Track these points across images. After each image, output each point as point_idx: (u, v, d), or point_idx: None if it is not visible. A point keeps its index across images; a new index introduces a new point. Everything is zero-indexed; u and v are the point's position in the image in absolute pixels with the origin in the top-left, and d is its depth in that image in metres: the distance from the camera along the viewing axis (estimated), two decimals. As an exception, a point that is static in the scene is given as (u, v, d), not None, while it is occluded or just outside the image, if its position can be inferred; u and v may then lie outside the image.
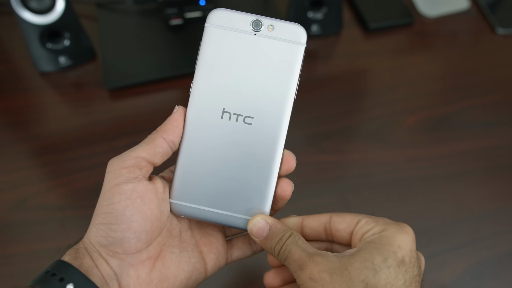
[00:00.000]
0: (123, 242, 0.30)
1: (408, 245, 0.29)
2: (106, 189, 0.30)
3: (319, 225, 0.33)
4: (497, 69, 0.69)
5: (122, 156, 0.31)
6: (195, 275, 0.33)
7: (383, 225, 0.30)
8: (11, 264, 0.49)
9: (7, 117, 0.62)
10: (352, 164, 0.58)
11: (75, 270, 0.29)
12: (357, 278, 0.27)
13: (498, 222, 0.54)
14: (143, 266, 0.31)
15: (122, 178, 0.30)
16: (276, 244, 0.31)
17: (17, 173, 0.56)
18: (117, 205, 0.29)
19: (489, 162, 0.59)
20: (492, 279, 0.50)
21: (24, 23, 0.60)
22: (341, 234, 0.32)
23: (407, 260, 0.28)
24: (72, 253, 0.30)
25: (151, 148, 0.31)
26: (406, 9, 0.74)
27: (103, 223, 0.30)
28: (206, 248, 0.34)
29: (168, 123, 0.32)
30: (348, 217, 0.32)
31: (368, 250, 0.28)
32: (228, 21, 0.31)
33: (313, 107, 0.63)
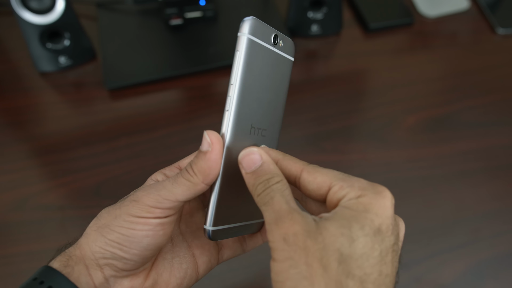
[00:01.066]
0: (127, 263, 0.29)
1: (385, 212, 0.26)
2: (132, 212, 0.29)
3: (290, 176, 0.29)
4: (497, 69, 0.69)
5: (160, 193, 0.29)
6: (186, 280, 0.33)
7: (359, 190, 0.27)
8: (11, 264, 0.49)
9: (7, 117, 0.62)
10: (352, 164, 0.58)
11: (64, 278, 0.28)
12: (332, 245, 0.24)
13: (498, 222, 0.54)
14: (137, 276, 0.31)
15: (152, 215, 0.29)
16: (260, 184, 0.28)
17: (17, 173, 0.56)
18: (138, 232, 0.29)
19: (489, 162, 0.59)
20: (492, 279, 0.50)
21: (24, 23, 0.60)
22: (310, 194, 0.29)
23: (383, 229, 0.26)
24: (63, 260, 0.30)
25: (191, 194, 0.29)
26: (406, 9, 0.74)
27: (116, 242, 0.29)
28: (198, 251, 0.34)
29: (207, 167, 0.29)
30: (320, 178, 0.28)
31: (344, 216, 0.26)
32: (259, 32, 0.31)
33: (313, 107, 0.63)
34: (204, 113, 0.62)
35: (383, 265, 0.25)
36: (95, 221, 0.30)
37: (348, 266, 0.24)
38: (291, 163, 0.29)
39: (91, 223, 0.31)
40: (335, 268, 0.24)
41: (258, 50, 0.31)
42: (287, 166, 0.29)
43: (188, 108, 0.63)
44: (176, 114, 0.62)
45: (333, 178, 0.28)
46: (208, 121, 0.61)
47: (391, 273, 0.26)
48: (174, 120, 0.61)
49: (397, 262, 0.27)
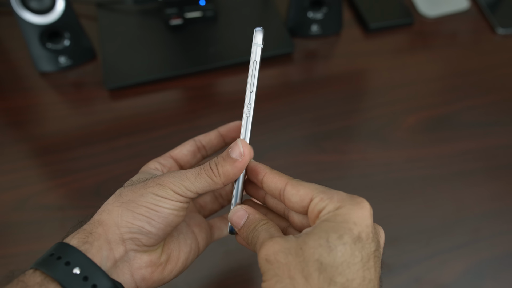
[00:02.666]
0: (151, 237, 0.31)
1: (364, 221, 0.28)
2: (161, 194, 0.31)
3: (275, 189, 0.32)
4: (497, 69, 0.69)
5: (185, 181, 0.32)
6: (192, 254, 0.36)
7: (337, 202, 0.28)
8: (11, 264, 0.49)
9: (7, 117, 0.62)
10: (352, 164, 0.58)
11: (81, 254, 0.29)
12: (311, 257, 0.26)
13: (498, 222, 0.54)
14: (155, 252, 0.33)
15: (176, 199, 0.32)
16: (250, 232, 0.31)
17: (17, 173, 0.56)
18: (165, 210, 0.31)
19: (489, 162, 0.59)
20: (492, 279, 0.50)
21: (24, 23, 0.60)
22: (293, 206, 0.31)
23: (363, 236, 0.27)
24: (82, 236, 0.30)
25: (210, 189, 0.33)
26: (406, 9, 0.74)
27: (144, 215, 0.31)
28: (196, 229, 0.37)
29: (233, 173, 0.32)
30: (302, 191, 0.30)
31: (323, 228, 0.27)
32: (261, 39, 0.33)
33: (313, 107, 0.63)
34: (204, 113, 0.62)
35: (366, 271, 0.27)
36: (116, 197, 0.32)
37: (329, 274, 0.26)
38: (276, 176, 0.32)
39: (110, 201, 0.32)
40: (316, 278, 0.26)
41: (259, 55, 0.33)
42: (273, 180, 0.32)
43: (188, 108, 0.63)
44: (176, 114, 0.62)
45: (315, 190, 0.30)
46: (208, 121, 0.61)
47: (374, 278, 0.27)
48: (174, 120, 0.61)
49: (379, 267, 0.28)
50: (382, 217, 0.54)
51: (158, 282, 0.33)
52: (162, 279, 0.34)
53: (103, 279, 0.29)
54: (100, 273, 0.29)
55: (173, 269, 0.34)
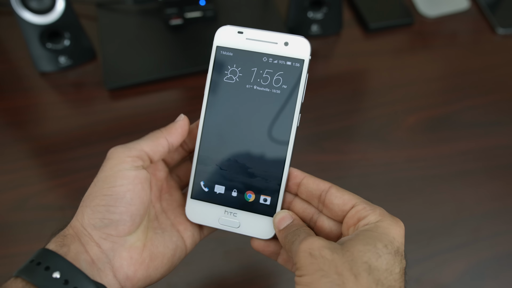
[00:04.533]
0: (119, 224, 0.31)
1: (400, 238, 0.29)
2: (108, 173, 0.32)
3: (316, 190, 0.33)
4: (497, 69, 0.69)
5: (127, 146, 0.33)
6: (178, 252, 0.35)
7: (379, 216, 0.30)
8: (11, 264, 0.49)
9: (7, 117, 0.62)
10: (352, 164, 0.58)
11: (60, 258, 0.29)
12: (360, 259, 0.27)
13: (498, 222, 0.54)
14: (135, 247, 0.32)
15: (126, 165, 0.32)
16: (290, 233, 0.32)
17: (17, 173, 0.56)
18: (119, 188, 0.31)
19: (489, 162, 0.59)
20: (492, 279, 0.50)
21: (24, 23, 0.60)
22: (333, 208, 0.32)
23: (400, 251, 0.29)
24: (59, 240, 0.30)
25: (154, 145, 0.33)
26: (406, 9, 0.74)
27: (101, 205, 0.31)
28: (182, 227, 0.36)
29: (173, 126, 0.35)
30: (347, 196, 0.32)
31: (369, 236, 0.29)
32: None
33: (313, 107, 0.63)
34: (204, 113, 0.62)
35: (402, 282, 0.28)
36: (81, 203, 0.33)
37: (376, 276, 0.27)
38: (318, 179, 0.34)
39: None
40: (365, 277, 0.26)
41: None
42: (315, 181, 0.33)
43: (188, 108, 0.63)
44: (176, 114, 0.61)
45: (358, 199, 0.32)
46: (208, 121, 0.61)
47: None
48: (174, 120, 0.61)
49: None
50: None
51: (144, 280, 0.33)
52: (147, 276, 0.33)
53: (84, 281, 0.29)
54: (81, 276, 0.29)
55: (158, 267, 0.33)
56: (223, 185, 0.35)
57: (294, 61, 0.34)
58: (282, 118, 0.35)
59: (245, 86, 0.35)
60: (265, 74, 0.34)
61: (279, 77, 0.34)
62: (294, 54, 0.34)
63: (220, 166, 0.35)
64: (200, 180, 0.36)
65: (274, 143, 0.35)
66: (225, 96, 0.35)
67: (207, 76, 0.35)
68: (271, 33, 0.34)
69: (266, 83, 0.34)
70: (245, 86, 0.35)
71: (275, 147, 0.35)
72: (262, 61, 0.34)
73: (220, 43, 0.35)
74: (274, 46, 0.34)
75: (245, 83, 0.35)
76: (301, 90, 0.34)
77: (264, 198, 0.35)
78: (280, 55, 0.34)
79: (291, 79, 0.34)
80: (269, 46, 0.34)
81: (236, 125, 0.35)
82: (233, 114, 0.35)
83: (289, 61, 0.34)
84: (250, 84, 0.35)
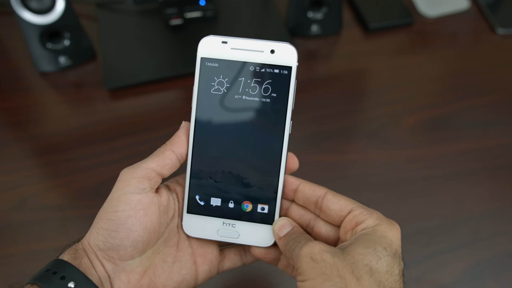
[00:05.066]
0: (120, 249, 0.31)
1: (397, 241, 0.30)
2: (114, 196, 0.31)
3: (313, 196, 0.33)
4: (497, 69, 0.69)
5: (134, 166, 0.33)
6: (184, 285, 0.34)
7: (376, 220, 0.31)
8: (11, 264, 0.49)
9: (7, 117, 0.62)
10: (352, 164, 0.58)
11: (75, 269, 0.30)
12: (361, 261, 0.27)
13: (498, 222, 0.54)
14: (135, 272, 0.32)
15: (130, 188, 0.31)
16: (291, 241, 0.32)
17: (17, 173, 0.56)
18: (120, 213, 0.31)
19: (489, 162, 0.59)
20: (492, 279, 0.50)
21: (24, 23, 0.60)
22: (331, 213, 0.32)
23: (398, 254, 0.30)
24: (71, 253, 0.31)
25: (160, 160, 0.33)
26: (406, 9, 0.74)
27: (104, 228, 0.31)
28: (200, 259, 0.35)
29: (175, 136, 0.35)
30: (343, 201, 0.32)
31: (368, 239, 0.29)
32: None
33: (313, 107, 0.63)
34: (204, 113, 0.62)
35: (401, 284, 0.29)
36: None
37: (377, 278, 0.27)
38: (314, 185, 0.34)
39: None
40: (367, 279, 0.27)
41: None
42: (311, 187, 0.34)
43: (188, 108, 0.62)
44: (176, 114, 0.62)
45: (355, 204, 0.32)
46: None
47: None
48: (174, 120, 0.61)
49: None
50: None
51: None
52: None
53: None
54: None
55: None
56: (219, 198, 0.35)
57: (282, 69, 0.34)
58: (274, 126, 0.34)
59: (233, 96, 0.34)
60: (253, 83, 0.34)
61: (267, 86, 0.34)
62: (281, 61, 0.34)
63: (215, 179, 0.35)
64: (195, 194, 0.35)
65: (267, 152, 0.35)
66: (214, 108, 0.34)
67: (194, 88, 0.35)
68: (257, 41, 0.34)
69: (255, 92, 0.34)
70: (234, 96, 0.34)
71: (269, 156, 0.34)
72: (249, 70, 0.34)
73: (204, 55, 0.35)
74: (260, 54, 0.34)
75: (233, 93, 0.34)
76: (291, 97, 0.34)
77: (261, 207, 0.35)
78: (267, 63, 0.34)
79: (280, 87, 0.34)
80: (255, 55, 0.34)
81: (228, 137, 0.34)
82: (223, 126, 0.34)
83: (276, 69, 0.34)
84: (239, 95, 0.34)
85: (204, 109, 0.35)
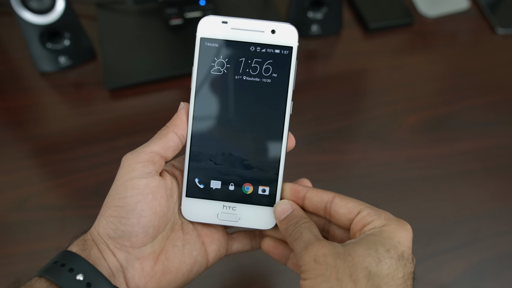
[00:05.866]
0: (131, 236, 0.31)
1: (407, 242, 0.29)
2: (119, 182, 0.31)
3: (321, 202, 0.33)
4: (497, 69, 0.69)
5: (136, 151, 0.32)
6: (196, 267, 0.34)
7: (384, 220, 0.30)
8: (11, 264, 0.49)
9: (7, 117, 0.62)
10: (352, 164, 0.58)
11: (84, 261, 0.29)
12: (360, 264, 0.27)
13: (498, 222, 0.54)
14: (147, 259, 0.32)
15: (136, 172, 0.31)
16: (291, 225, 0.32)
17: (17, 173, 0.56)
18: (129, 199, 0.30)
19: (489, 162, 0.59)
20: (492, 279, 0.50)
21: (24, 23, 0.60)
22: (340, 217, 0.32)
23: (406, 255, 0.29)
24: (80, 244, 0.31)
25: (163, 142, 0.32)
26: (406, 9, 0.74)
27: (113, 216, 0.31)
28: (208, 239, 0.35)
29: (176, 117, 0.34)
30: (351, 204, 0.32)
31: (371, 240, 0.29)
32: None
33: (313, 107, 0.63)
34: (204, 113, 0.62)
35: (407, 287, 0.28)
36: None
37: (376, 282, 0.27)
38: (321, 191, 0.33)
39: None
40: (364, 283, 0.27)
41: None
42: (318, 194, 0.33)
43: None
44: (176, 114, 0.62)
45: (362, 205, 0.32)
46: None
47: None
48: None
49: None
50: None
51: None
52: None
53: (105, 285, 0.29)
54: (103, 280, 0.29)
55: (171, 281, 0.33)
56: (219, 180, 0.35)
57: (282, 49, 0.34)
58: (275, 106, 0.34)
59: (234, 77, 0.34)
60: (254, 63, 0.34)
61: (268, 66, 0.34)
62: (282, 41, 0.34)
63: (215, 161, 0.34)
64: (195, 177, 0.35)
65: (268, 133, 0.34)
66: (213, 89, 0.34)
67: (193, 69, 0.34)
68: (257, 22, 0.34)
69: (255, 72, 0.34)
70: (234, 77, 0.34)
71: (270, 136, 0.34)
72: (250, 50, 0.34)
73: (204, 35, 0.34)
74: (261, 34, 0.33)
75: (233, 74, 0.34)
76: (291, 78, 0.34)
77: (262, 189, 0.35)
78: (268, 43, 0.33)
79: (281, 67, 0.34)
80: (255, 35, 0.33)
81: (228, 118, 0.34)
82: (223, 107, 0.34)
83: (277, 49, 0.34)
84: (239, 75, 0.34)
85: (204, 90, 0.34)
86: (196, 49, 0.34)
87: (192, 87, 0.34)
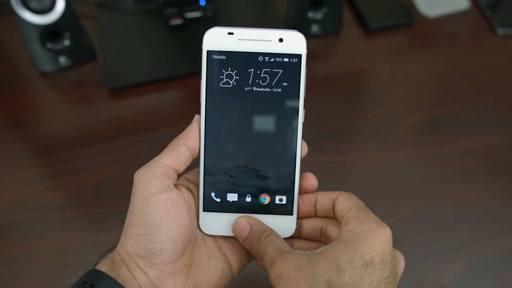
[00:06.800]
0: (162, 253, 0.30)
1: (379, 247, 0.29)
2: (139, 200, 0.30)
3: (329, 201, 0.33)
4: (497, 69, 0.69)
5: (149, 166, 0.32)
6: (223, 278, 0.34)
7: (360, 223, 0.30)
8: (11, 264, 0.49)
9: (7, 117, 0.62)
10: (352, 164, 0.58)
11: (113, 281, 0.29)
12: (321, 277, 0.27)
13: (498, 222, 0.54)
14: (179, 275, 0.32)
15: (155, 188, 0.31)
16: (255, 243, 0.32)
17: (17, 173, 0.56)
18: (154, 215, 0.30)
19: (489, 162, 0.59)
20: (492, 279, 0.50)
21: (24, 23, 0.60)
22: (337, 214, 0.33)
23: (376, 261, 0.28)
24: (108, 263, 0.30)
25: (175, 155, 0.32)
26: (406, 9, 0.74)
27: (141, 234, 0.30)
28: (229, 251, 0.35)
29: (188, 130, 0.33)
30: (348, 202, 0.32)
31: (336, 250, 0.29)
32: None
33: (313, 107, 0.63)
34: (204, 113, 0.62)
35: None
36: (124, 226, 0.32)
37: None
38: (329, 192, 0.34)
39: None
40: None
41: None
42: (326, 194, 0.34)
43: (188, 108, 0.63)
44: (176, 114, 0.62)
45: (355, 206, 0.32)
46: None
47: None
48: (174, 120, 0.61)
49: None
50: (382, 217, 0.53)
51: None
52: None
53: None
54: None
55: None
56: (235, 193, 0.34)
57: (291, 57, 0.34)
58: (287, 116, 0.34)
59: (244, 88, 0.33)
60: (263, 74, 0.33)
61: (278, 75, 0.33)
62: (290, 49, 0.34)
63: (230, 174, 0.34)
64: (211, 191, 0.34)
65: (282, 142, 0.34)
66: (224, 102, 0.33)
67: (201, 83, 0.34)
68: (264, 31, 0.33)
69: (265, 83, 0.33)
70: (244, 88, 0.33)
71: (284, 146, 0.34)
72: (258, 60, 0.33)
73: (210, 47, 0.33)
74: (268, 44, 0.33)
75: (243, 85, 0.33)
76: (302, 86, 0.34)
77: (279, 198, 0.34)
78: (276, 52, 0.33)
79: (290, 75, 0.34)
80: (263, 45, 0.33)
81: (240, 130, 0.34)
82: (235, 120, 0.34)
83: (286, 57, 0.33)
84: (249, 86, 0.33)
85: (214, 104, 0.34)
86: (203, 62, 0.33)
87: (202, 101, 0.34)
